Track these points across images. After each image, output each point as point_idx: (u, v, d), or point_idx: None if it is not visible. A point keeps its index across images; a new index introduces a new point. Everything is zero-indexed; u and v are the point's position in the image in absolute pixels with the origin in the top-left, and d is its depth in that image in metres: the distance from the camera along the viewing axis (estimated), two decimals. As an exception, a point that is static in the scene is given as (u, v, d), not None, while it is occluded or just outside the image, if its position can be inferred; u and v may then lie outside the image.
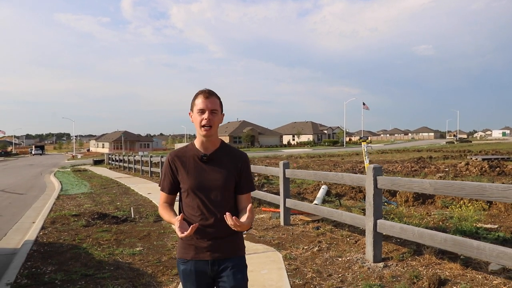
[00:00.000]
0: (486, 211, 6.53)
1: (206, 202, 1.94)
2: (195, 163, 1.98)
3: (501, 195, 2.98)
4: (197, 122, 1.93)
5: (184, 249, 1.99)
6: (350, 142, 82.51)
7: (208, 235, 1.95)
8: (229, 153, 2.02)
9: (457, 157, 26.21)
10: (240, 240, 2.05)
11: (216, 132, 1.98)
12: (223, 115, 2.02)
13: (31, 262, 5.00)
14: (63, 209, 9.31)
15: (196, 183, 1.94)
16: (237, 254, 2.00)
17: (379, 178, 4.27)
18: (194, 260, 1.96)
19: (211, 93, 1.95)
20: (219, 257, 1.96)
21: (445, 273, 3.87)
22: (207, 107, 1.91)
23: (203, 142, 1.98)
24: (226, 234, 1.96)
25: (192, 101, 1.99)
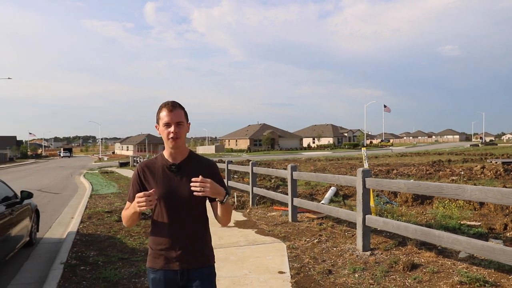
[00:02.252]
0: (477, 211, 7.12)
1: (175, 212, 1.95)
2: (163, 172, 1.99)
3: (454, 193, 3.70)
4: (164, 135, 1.96)
5: (154, 258, 1.99)
6: (371, 145, 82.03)
7: (177, 245, 1.96)
8: (197, 162, 2.05)
9: (477, 161, 26.17)
10: (209, 250, 2.07)
11: (184, 143, 2.01)
12: (189, 125, 2.04)
13: (77, 248, 5.99)
14: (97, 207, 10.40)
15: (165, 192, 1.94)
16: (206, 263, 2.02)
17: (367, 179, 5.02)
18: (163, 269, 1.96)
19: (174, 105, 1.97)
20: (188, 267, 1.97)
21: (421, 260, 4.58)
22: (172, 120, 1.93)
23: (172, 153, 2.01)
24: (195, 244, 1.99)
25: (157, 114, 2.01)
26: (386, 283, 3.95)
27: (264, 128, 77.88)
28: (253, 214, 8.23)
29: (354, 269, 4.40)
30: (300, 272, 4.47)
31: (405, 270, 4.26)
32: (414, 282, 3.94)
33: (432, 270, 4.19)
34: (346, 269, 4.48)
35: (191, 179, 1.86)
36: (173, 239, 1.95)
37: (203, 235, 2.05)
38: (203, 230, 2.05)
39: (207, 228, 2.08)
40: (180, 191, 1.95)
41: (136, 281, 4.44)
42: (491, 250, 3.35)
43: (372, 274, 4.23)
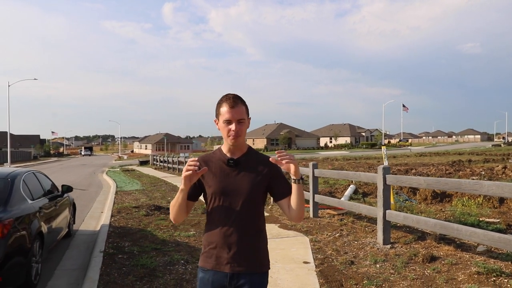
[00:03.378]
0: (497, 209, 7.23)
1: (230, 210, 1.86)
2: (221, 167, 1.91)
3: (472, 188, 3.92)
4: (224, 132, 1.87)
5: (205, 258, 1.91)
6: (389, 144, 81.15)
7: (230, 245, 1.85)
8: (256, 159, 1.95)
9: (498, 161, 25.75)
10: (264, 254, 1.92)
11: (244, 139, 1.93)
12: (249, 120, 1.96)
13: (112, 239, 6.41)
14: (124, 202, 10.88)
15: (221, 188, 1.87)
16: (260, 270, 1.88)
17: (387, 176, 5.25)
18: (214, 270, 1.87)
19: (236, 101, 1.86)
20: (240, 271, 1.84)
21: (440, 253, 4.80)
22: (233, 117, 1.84)
23: (230, 148, 1.93)
24: (249, 245, 1.87)
25: (216, 108, 1.91)
26: (406, 273, 4.19)
27: (281, 128, 78.03)
28: (274, 210, 8.52)
29: (375, 260, 4.65)
30: (324, 262, 4.75)
31: (424, 261, 4.49)
32: (433, 272, 4.17)
33: (450, 262, 4.41)
34: (367, 260, 4.73)
35: (269, 159, 1.84)
36: (227, 238, 1.85)
37: (259, 236, 1.92)
38: (259, 231, 1.92)
39: (264, 229, 1.96)
40: (237, 187, 1.87)
41: (171, 268, 4.80)
42: (507, 241, 3.56)
43: (393, 265, 4.48)
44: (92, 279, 4.39)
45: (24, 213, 4.20)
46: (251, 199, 1.87)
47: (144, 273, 4.58)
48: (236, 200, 1.86)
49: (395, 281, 4.00)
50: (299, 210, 1.85)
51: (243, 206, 1.86)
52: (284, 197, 1.91)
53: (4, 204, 3.99)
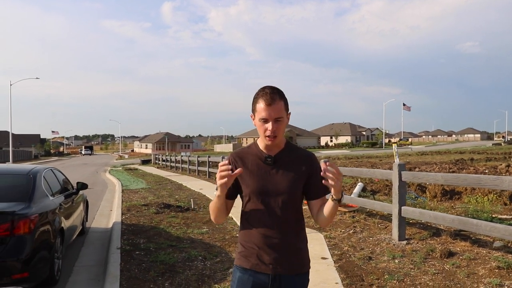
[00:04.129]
0: (508, 206, 7.28)
1: (269, 209, 1.78)
2: (258, 165, 1.82)
3: (492, 184, 3.96)
4: (261, 130, 1.76)
5: (243, 257, 1.82)
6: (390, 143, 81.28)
7: (272, 246, 1.78)
8: (295, 155, 1.85)
9: (500, 159, 25.85)
10: (306, 254, 1.86)
11: (282, 136, 1.81)
12: (289, 115, 1.84)
13: (126, 236, 6.44)
14: (132, 201, 10.91)
15: (259, 187, 1.78)
16: (302, 270, 1.83)
17: (403, 172, 5.29)
18: (253, 270, 1.79)
19: (273, 97, 1.72)
20: (282, 273, 1.78)
21: (456, 248, 4.84)
22: (270, 116, 1.71)
23: (267, 145, 1.81)
24: (290, 245, 1.80)
25: (253, 104, 1.79)
26: (426, 268, 4.24)
27: (281, 127, 77.99)
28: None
29: (393, 256, 4.69)
30: (342, 258, 4.79)
31: (442, 257, 4.53)
32: (452, 267, 4.21)
33: (468, 257, 4.45)
34: (385, 256, 4.77)
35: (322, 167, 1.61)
36: (267, 238, 1.78)
37: (300, 236, 1.86)
38: (300, 230, 1.86)
39: (303, 228, 1.89)
40: (275, 186, 1.78)
41: (190, 264, 4.83)
42: (529, 236, 3.60)
43: (411, 260, 4.52)
44: (113, 275, 4.42)
45: (47, 209, 4.23)
46: (291, 198, 1.78)
47: (165, 269, 4.61)
48: (276, 200, 1.78)
49: (416, 276, 4.04)
50: (329, 221, 1.79)
51: (283, 205, 1.78)
52: (317, 198, 1.82)
53: (28, 200, 4.03)
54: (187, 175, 20.70)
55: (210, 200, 10.70)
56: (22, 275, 3.56)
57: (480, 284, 3.72)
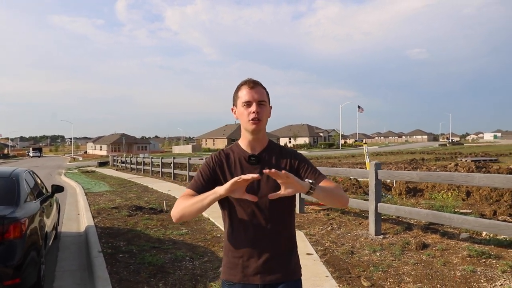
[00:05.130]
0: (465, 201, 7.94)
1: (255, 212, 1.67)
2: (241, 165, 1.72)
3: (464, 180, 4.37)
4: (244, 116, 1.69)
5: (230, 269, 1.71)
6: (346, 144, 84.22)
7: (258, 253, 1.66)
8: (279, 152, 1.77)
9: (448, 159, 27.78)
10: (296, 259, 1.75)
11: (265, 128, 1.75)
12: (271, 107, 1.79)
13: (104, 239, 6.29)
14: (99, 204, 10.57)
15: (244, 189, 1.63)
16: (293, 277, 1.71)
17: (379, 171, 5.64)
18: (242, 283, 1.68)
19: (256, 82, 1.71)
20: (272, 281, 1.67)
21: (429, 240, 5.24)
22: (253, 98, 1.67)
23: (250, 142, 1.73)
24: (279, 251, 1.69)
25: (234, 94, 1.75)
26: (406, 259, 4.57)
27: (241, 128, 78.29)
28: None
29: (374, 250, 5.00)
30: (326, 253, 5.02)
31: (417, 249, 4.90)
32: (428, 257, 4.58)
33: (441, 248, 4.85)
34: (365, 250, 5.07)
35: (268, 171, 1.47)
36: (254, 245, 1.66)
37: (290, 240, 1.74)
38: (289, 234, 1.74)
39: (293, 232, 1.77)
40: (262, 188, 1.67)
41: (179, 264, 4.85)
42: (497, 226, 4.03)
43: (391, 253, 4.85)
44: (103, 278, 4.35)
45: (33, 212, 4.09)
46: (279, 199, 1.61)
47: (155, 270, 4.60)
48: (261, 201, 1.65)
49: (399, 266, 4.36)
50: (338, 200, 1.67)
51: (271, 207, 1.66)
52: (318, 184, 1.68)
53: (15, 203, 3.87)
54: (150, 177, 20.27)
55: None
56: (13, 281, 3.44)
57: (456, 271, 4.10)
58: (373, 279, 4.03)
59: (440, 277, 3.97)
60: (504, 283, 3.72)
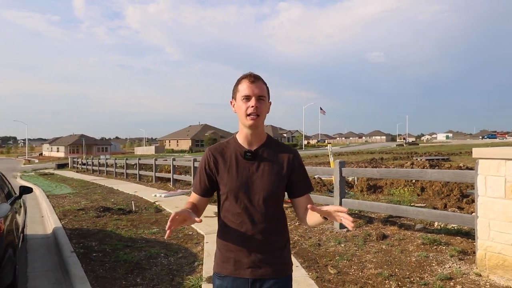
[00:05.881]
0: (420, 196, 8.59)
1: (249, 208, 1.68)
2: (237, 160, 1.72)
3: (418, 176, 4.83)
4: (242, 110, 1.68)
5: (221, 262, 1.73)
6: (309, 145, 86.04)
7: (250, 248, 1.68)
8: (277, 149, 1.75)
9: (405, 158, 29.24)
10: (288, 255, 1.77)
11: (263, 124, 1.74)
12: (270, 103, 1.78)
13: (75, 240, 6.27)
14: (64, 206, 10.35)
15: (239, 185, 1.68)
16: (285, 273, 1.74)
17: (343, 169, 6.04)
18: (232, 277, 1.70)
19: (256, 77, 1.71)
20: (263, 276, 1.69)
21: (388, 232, 5.71)
22: (253, 92, 1.66)
23: (247, 136, 1.73)
24: (271, 247, 1.70)
25: (234, 87, 1.74)
26: (368, 249, 4.98)
27: (205, 129, 78.00)
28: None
29: (339, 241, 5.38)
30: (295, 246, 5.34)
31: (378, 239, 5.34)
32: (388, 246, 5.02)
33: (399, 238, 5.32)
34: (331, 242, 5.45)
35: (336, 210, 1.53)
36: (246, 240, 1.68)
37: (282, 235, 1.77)
38: (281, 230, 1.76)
39: (285, 228, 1.79)
40: (256, 184, 1.68)
41: (155, 261, 4.99)
42: (447, 216, 4.51)
43: (354, 243, 5.25)
44: (79, 276, 4.41)
45: (7, 212, 4.09)
46: (272, 196, 1.69)
47: (131, 267, 4.72)
48: (256, 198, 1.68)
49: (361, 255, 4.75)
50: (313, 226, 1.86)
51: (264, 203, 1.69)
52: (301, 196, 1.76)
53: (-9, 203, 3.86)
54: (114, 179, 19.89)
55: (149, 202, 10.62)
56: (-8, 279, 3.45)
57: (412, 257, 4.55)
58: (339, 267, 4.39)
59: (398, 262, 4.40)
60: (452, 266, 4.19)
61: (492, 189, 3.72)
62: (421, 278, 3.92)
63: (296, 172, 1.76)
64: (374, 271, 4.17)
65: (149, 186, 15.09)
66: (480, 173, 3.83)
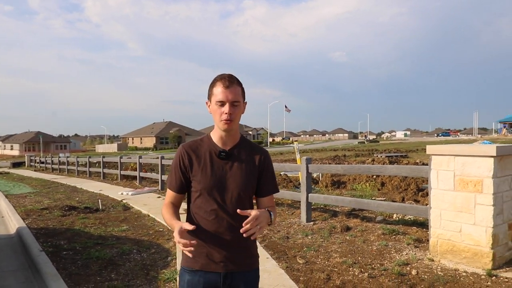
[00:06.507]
0: (380, 191, 9.11)
1: (221, 205, 1.74)
2: (211, 159, 1.77)
3: (379, 171, 5.22)
4: (217, 115, 1.73)
5: (192, 257, 1.72)
6: (274, 142, 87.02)
7: (223, 243, 1.74)
8: (250, 149, 1.83)
9: (366, 155, 30.41)
10: (255, 250, 1.88)
11: (238, 126, 1.80)
12: (245, 104, 1.81)
13: (42, 239, 6.17)
14: (25, 205, 10.02)
15: (213, 183, 1.73)
16: (253, 266, 1.83)
17: (309, 165, 6.35)
18: (204, 271, 1.76)
19: (231, 80, 1.73)
20: (234, 270, 1.76)
21: (351, 224, 6.08)
22: (227, 98, 1.70)
23: (222, 137, 1.78)
24: (242, 242, 1.75)
25: (209, 89, 1.77)
26: (333, 240, 5.31)
27: (170, 126, 76.86)
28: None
29: (306, 234, 5.68)
30: (265, 239, 5.58)
31: (342, 231, 5.69)
32: (351, 237, 5.37)
33: (361, 229, 5.69)
34: (299, 234, 5.73)
35: (244, 220, 1.60)
36: (218, 235, 1.75)
37: None
38: None
39: None
40: (230, 182, 1.75)
41: (127, 257, 5.05)
42: (404, 208, 4.91)
43: (321, 235, 5.56)
44: (52, 274, 4.40)
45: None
46: (244, 194, 1.76)
47: (104, 263, 4.76)
48: (229, 196, 1.75)
49: (327, 246, 5.06)
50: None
51: (237, 201, 1.75)
52: (267, 195, 1.84)
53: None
54: (76, 177, 19.34)
55: (116, 200, 10.51)
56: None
57: (373, 246, 4.92)
58: (306, 257, 4.67)
59: (361, 251, 4.75)
60: (409, 253, 4.60)
61: (443, 182, 4.12)
62: (381, 264, 4.27)
63: (265, 172, 1.83)
64: (339, 259, 4.49)
65: (115, 184, 14.84)
66: (433, 168, 4.23)
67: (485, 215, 3.82)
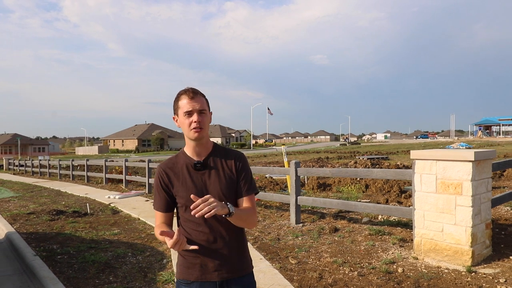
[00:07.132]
0: (365, 193, 9.43)
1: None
2: (189, 172, 1.82)
3: (365, 174, 5.48)
4: (186, 125, 1.78)
5: (187, 269, 1.79)
6: (256, 144, 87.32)
7: (215, 253, 1.78)
8: (224, 156, 1.87)
9: (348, 157, 30.95)
10: (248, 254, 1.90)
11: (208, 134, 1.85)
12: (211, 114, 1.88)
13: (34, 244, 6.18)
14: (10, 210, 9.91)
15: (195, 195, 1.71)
16: (247, 271, 1.86)
17: (298, 169, 6.58)
18: (200, 282, 1.79)
19: (195, 92, 1.80)
20: (229, 277, 1.79)
21: (339, 225, 6.33)
22: (194, 108, 1.77)
23: (195, 148, 1.83)
24: (233, 249, 1.80)
25: (174, 104, 1.83)
26: (323, 240, 5.55)
27: (152, 128, 76.15)
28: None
29: (296, 235, 5.90)
30: (257, 241, 5.77)
31: (331, 232, 5.93)
32: (340, 238, 5.62)
33: (349, 230, 5.95)
34: (289, 236, 5.95)
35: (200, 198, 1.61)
36: (209, 245, 1.78)
37: (241, 238, 1.87)
38: (240, 233, 1.87)
39: (243, 230, 1.90)
40: (211, 190, 1.78)
41: (123, 260, 5.15)
42: (389, 209, 5.19)
43: (310, 237, 5.79)
44: (49, 277, 4.48)
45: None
46: (227, 200, 1.77)
47: (101, 266, 4.85)
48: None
49: (318, 246, 5.29)
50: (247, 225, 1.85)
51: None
52: (243, 196, 1.84)
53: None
54: (59, 181, 19.05)
55: (104, 204, 10.49)
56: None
57: (361, 246, 5.18)
58: (298, 257, 4.88)
59: (349, 251, 5.00)
60: (394, 252, 4.87)
61: (426, 185, 4.41)
62: (370, 263, 4.53)
63: (242, 173, 1.86)
64: (330, 259, 4.72)
65: (100, 188, 14.74)
66: (416, 171, 4.52)
67: (464, 215, 4.11)
